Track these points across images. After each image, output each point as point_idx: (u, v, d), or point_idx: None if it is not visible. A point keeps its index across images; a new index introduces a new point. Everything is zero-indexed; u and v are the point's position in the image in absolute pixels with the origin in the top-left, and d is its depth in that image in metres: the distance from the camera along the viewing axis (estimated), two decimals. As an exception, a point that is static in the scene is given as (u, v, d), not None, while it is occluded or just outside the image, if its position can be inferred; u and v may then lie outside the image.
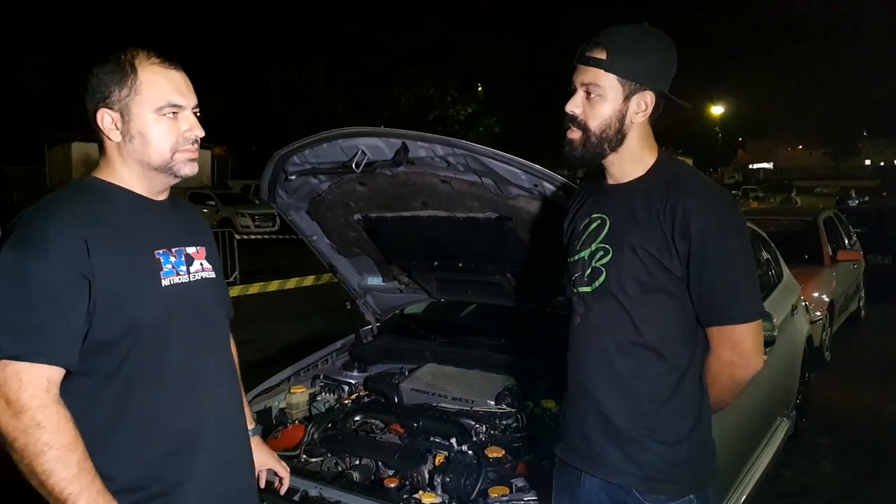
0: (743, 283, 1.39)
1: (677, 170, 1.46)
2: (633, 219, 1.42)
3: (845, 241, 7.12)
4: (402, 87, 29.02)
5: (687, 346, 1.44)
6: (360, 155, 2.26)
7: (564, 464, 1.56)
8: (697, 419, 1.45)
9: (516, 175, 2.09)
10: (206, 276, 1.44)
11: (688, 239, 1.36)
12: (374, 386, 2.80)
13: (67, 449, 1.18)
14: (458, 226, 2.47)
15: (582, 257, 1.51)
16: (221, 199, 19.11)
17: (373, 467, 2.19)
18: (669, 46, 1.43)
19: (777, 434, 3.49)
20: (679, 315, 1.42)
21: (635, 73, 1.39)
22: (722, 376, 1.45)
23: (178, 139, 1.35)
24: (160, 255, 1.35)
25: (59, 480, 1.16)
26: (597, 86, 1.40)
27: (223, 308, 1.52)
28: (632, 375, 1.43)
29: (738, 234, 1.40)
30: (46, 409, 1.18)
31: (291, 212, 2.74)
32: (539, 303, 2.72)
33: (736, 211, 1.43)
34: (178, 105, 1.35)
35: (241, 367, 1.65)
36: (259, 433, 1.75)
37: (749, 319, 1.38)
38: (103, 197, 1.33)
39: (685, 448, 1.43)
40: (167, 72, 1.35)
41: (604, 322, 1.46)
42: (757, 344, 1.40)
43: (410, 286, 3.00)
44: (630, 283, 1.41)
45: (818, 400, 4.65)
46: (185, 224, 1.46)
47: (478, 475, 2.00)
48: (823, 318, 5.67)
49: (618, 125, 1.42)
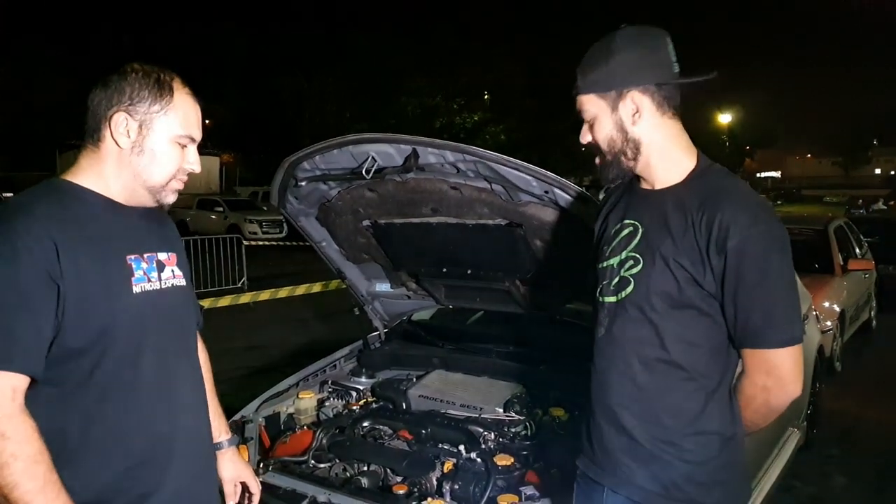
0: (781, 304, 1.30)
1: (718, 178, 1.38)
2: (667, 229, 1.35)
3: (856, 251, 7.06)
4: (409, 96, 29.17)
5: (717, 365, 1.37)
6: (371, 161, 2.27)
7: (587, 477, 1.51)
8: (727, 439, 1.38)
9: (527, 181, 2.09)
10: (177, 283, 1.40)
11: (724, 255, 1.28)
12: (382, 392, 2.79)
13: (33, 460, 1.13)
14: (467, 232, 2.47)
15: (611, 265, 1.45)
16: (229, 205, 19.20)
17: (381, 474, 2.18)
18: (644, 38, 1.38)
19: (788, 444, 3.45)
20: (709, 333, 1.35)
21: (606, 83, 1.38)
22: (755, 401, 1.38)
23: (179, 169, 1.35)
24: (132, 261, 1.31)
25: (24, 493, 1.12)
26: (585, 111, 1.43)
27: (193, 317, 1.49)
28: (657, 392, 1.37)
29: (778, 252, 1.30)
30: (11, 419, 1.13)
31: (301, 218, 2.74)
32: (548, 311, 2.70)
33: (778, 227, 1.33)
34: (193, 138, 1.36)
35: (248, 372, 1.64)
36: (236, 444, 1.69)
37: (786, 344, 1.30)
38: (75, 198, 1.28)
39: (712, 468, 1.36)
40: (195, 104, 1.37)
41: (628, 335, 1.40)
42: (794, 370, 1.32)
43: (418, 292, 3.00)
44: (658, 296, 1.35)
45: (829, 411, 4.60)
46: (156, 229, 1.42)
47: (486, 483, 1.99)
48: (834, 328, 5.61)
49: (622, 135, 1.40)
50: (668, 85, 1.38)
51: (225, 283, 9.39)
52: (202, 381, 1.51)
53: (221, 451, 1.61)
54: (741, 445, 1.43)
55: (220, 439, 1.61)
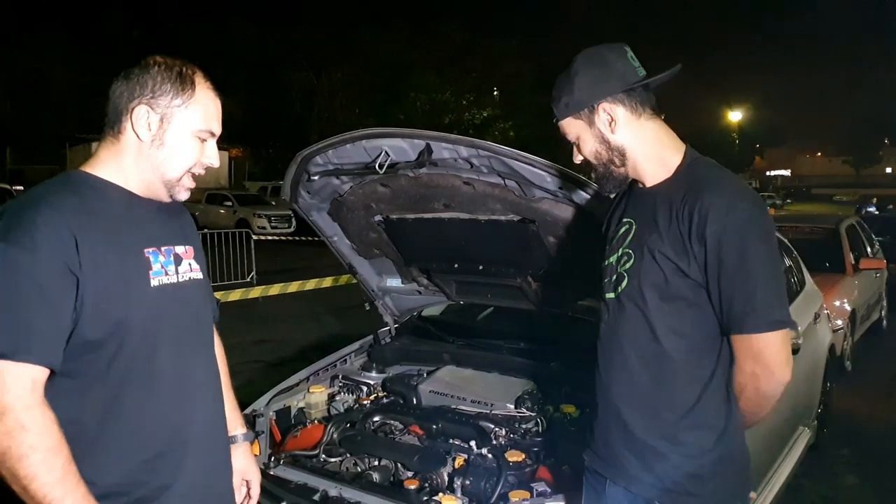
0: (762, 288, 1.30)
1: (701, 169, 1.41)
2: (654, 223, 1.39)
3: (868, 250, 7.01)
4: (418, 91, 29.13)
5: (710, 356, 1.39)
6: (384, 156, 2.26)
7: (592, 470, 1.56)
8: (722, 431, 1.39)
9: (541, 177, 2.08)
10: (194, 276, 1.40)
11: (704, 242, 1.30)
12: (393, 387, 2.79)
13: (52, 452, 1.13)
14: (479, 228, 2.46)
15: (610, 262, 1.50)
16: (238, 199, 19.29)
17: (392, 469, 2.19)
18: (593, 57, 1.44)
19: (798, 443, 3.45)
20: (700, 324, 1.37)
21: (577, 104, 1.45)
22: (747, 389, 1.39)
23: (196, 163, 1.35)
24: (149, 254, 1.31)
25: (43, 485, 1.12)
26: (569, 134, 1.50)
27: (210, 310, 1.49)
28: (652, 384, 1.40)
29: (758, 237, 1.31)
30: (31, 410, 1.13)
31: (313, 212, 2.74)
32: (561, 308, 2.69)
33: (758, 211, 1.34)
34: (213, 132, 1.36)
35: (258, 366, 1.64)
36: (250, 439, 1.69)
37: (769, 328, 1.31)
38: (94, 191, 1.28)
39: (708, 461, 1.38)
40: (216, 99, 1.36)
41: (625, 329, 1.44)
42: (780, 354, 1.33)
43: (429, 288, 3.00)
44: (649, 289, 1.38)
45: (839, 410, 4.57)
46: (174, 222, 1.42)
47: (498, 479, 1.98)
48: (845, 327, 5.58)
49: (605, 146, 1.46)
50: (636, 89, 1.43)
51: (234, 278, 9.44)
52: (218, 375, 1.51)
53: (234, 445, 1.61)
54: (739, 437, 1.45)
55: (234, 433, 1.61)
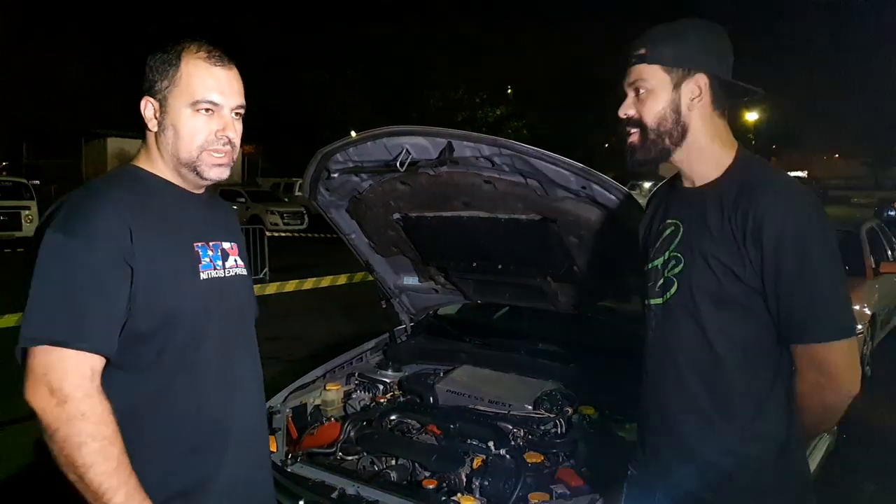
0: (824, 294, 1.23)
1: (755, 169, 1.33)
2: (705, 225, 1.32)
3: (888, 253, 6.91)
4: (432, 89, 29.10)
5: (768, 365, 1.31)
6: (405, 154, 2.25)
7: (641, 481, 1.48)
8: (784, 445, 1.32)
9: (564, 177, 2.06)
10: (240, 272, 1.43)
11: (759, 246, 1.24)
12: (410, 386, 2.78)
13: (109, 441, 1.15)
14: (499, 227, 2.44)
15: (655, 266, 1.42)
16: (251, 196, 19.35)
17: (409, 468, 2.17)
18: (714, 29, 1.35)
19: (818, 449, 3.39)
20: (757, 331, 1.30)
21: (679, 58, 1.32)
22: (810, 400, 1.31)
23: (209, 138, 1.31)
24: (199, 248, 1.34)
25: (99, 474, 1.13)
26: (643, 80, 1.35)
27: (253, 306, 1.51)
28: (707, 396, 1.32)
29: (818, 241, 1.24)
30: (90, 399, 1.15)
31: (332, 209, 2.74)
32: (581, 309, 2.67)
33: (817, 213, 1.27)
34: (213, 102, 1.31)
35: (272, 363, 1.64)
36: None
37: (833, 337, 1.24)
38: (145, 185, 1.32)
39: (768, 476, 1.31)
40: (211, 68, 1.31)
41: (676, 337, 1.36)
42: (847, 364, 1.26)
43: (447, 287, 2.98)
44: (702, 295, 1.31)
45: (858, 416, 4.48)
46: (220, 219, 1.45)
47: (516, 480, 1.97)
48: (865, 332, 5.50)
49: (675, 116, 1.34)
50: (725, 81, 1.35)
51: (247, 274, 9.45)
52: (260, 370, 1.52)
53: None
54: (801, 453, 1.38)
55: None
